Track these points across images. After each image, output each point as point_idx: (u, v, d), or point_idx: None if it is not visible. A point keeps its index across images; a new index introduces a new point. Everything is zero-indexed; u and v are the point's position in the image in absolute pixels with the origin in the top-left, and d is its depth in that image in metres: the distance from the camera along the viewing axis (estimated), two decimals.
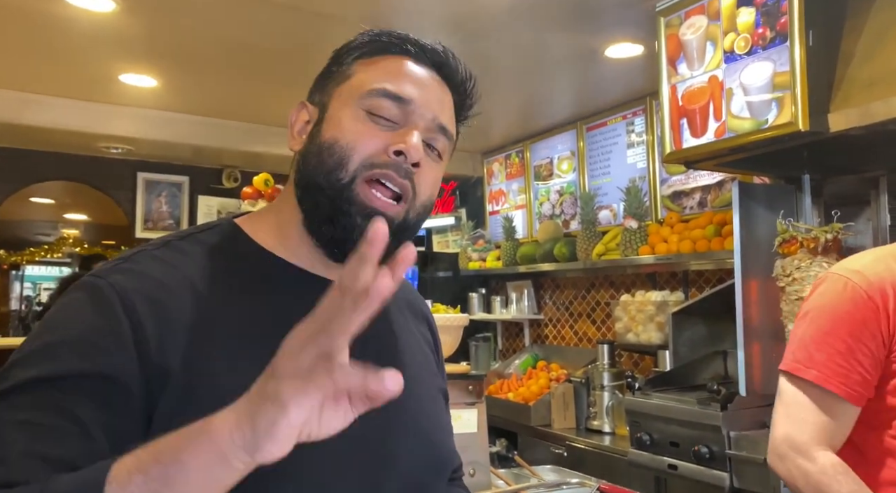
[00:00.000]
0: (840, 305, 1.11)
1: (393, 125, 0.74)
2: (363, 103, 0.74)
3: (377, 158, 0.72)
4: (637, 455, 2.45)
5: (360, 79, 0.76)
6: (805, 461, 1.06)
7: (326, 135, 0.74)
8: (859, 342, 1.08)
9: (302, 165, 0.76)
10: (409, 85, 0.76)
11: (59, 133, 3.67)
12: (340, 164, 0.72)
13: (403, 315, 0.88)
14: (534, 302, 4.20)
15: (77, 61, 3.02)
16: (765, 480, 2.01)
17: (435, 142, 0.78)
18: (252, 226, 0.78)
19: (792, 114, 1.84)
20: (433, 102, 0.77)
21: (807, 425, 1.08)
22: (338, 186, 0.72)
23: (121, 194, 4.37)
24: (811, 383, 1.09)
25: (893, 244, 1.21)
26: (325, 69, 0.81)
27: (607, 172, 3.66)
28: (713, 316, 2.71)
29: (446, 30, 2.63)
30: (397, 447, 0.75)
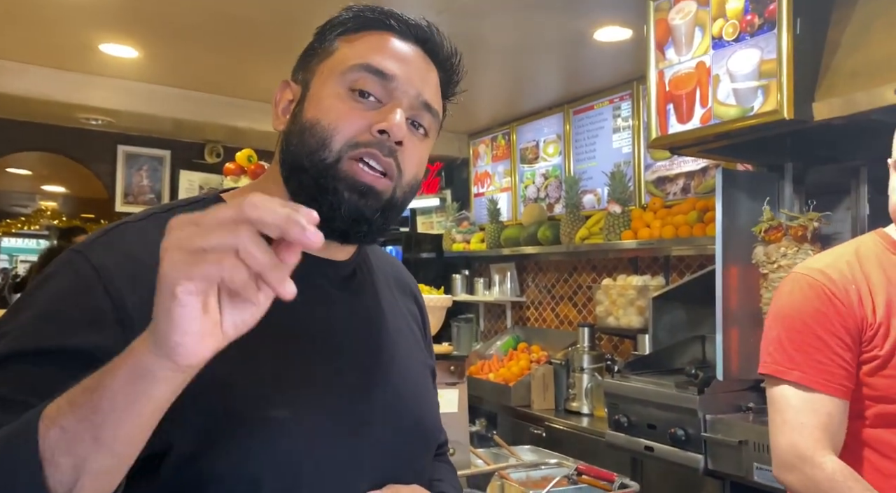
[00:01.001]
0: (808, 303, 1.13)
1: (376, 103, 0.73)
2: (345, 80, 0.73)
3: (361, 138, 0.71)
4: (614, 437, 2.49)
5: (343, 55, 0.75)
6: (813, 469, 1.06)
7: (308, 114, 0.73)
8: (834, 337, 1.10)
9: (285, 145, 0.75)
10: (392, 61, 0.74)
11: (36, 102, 3.59)
12: (323, 144, 0.71)
13: (391, 290, 0.88)
14: (516, 284, 4.22)
15: (56, 29, 2.94)
16: (738, 462, 2.06)
17: (420, 119, 0.76)
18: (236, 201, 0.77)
19: (777, 102, 1.85)
20: (417, 78, 0.75)
21: (806, 429, 1.08)
22: (321, 167, 0.71)
23: (100, 167, 4.29)
24: (797, 385, 1.11)
25: (854, 240, 1.24)
26: (308, 47, 0.80)
27: (593, 157, 3.67)
28: (693, 301, 2.74)
29: (434, 7, 2.59)
30: (382, 419, 0.75)
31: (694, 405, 2.19)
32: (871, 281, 1.12)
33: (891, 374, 1.08)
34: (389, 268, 0.92)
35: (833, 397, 1.09)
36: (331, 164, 0.71)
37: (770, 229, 2.02)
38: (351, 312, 0.78)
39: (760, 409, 2.15)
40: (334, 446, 0.70)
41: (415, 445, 0.79)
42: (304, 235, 0.46)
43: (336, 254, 0.79)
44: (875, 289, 1.12)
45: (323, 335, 0.74)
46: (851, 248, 1.19)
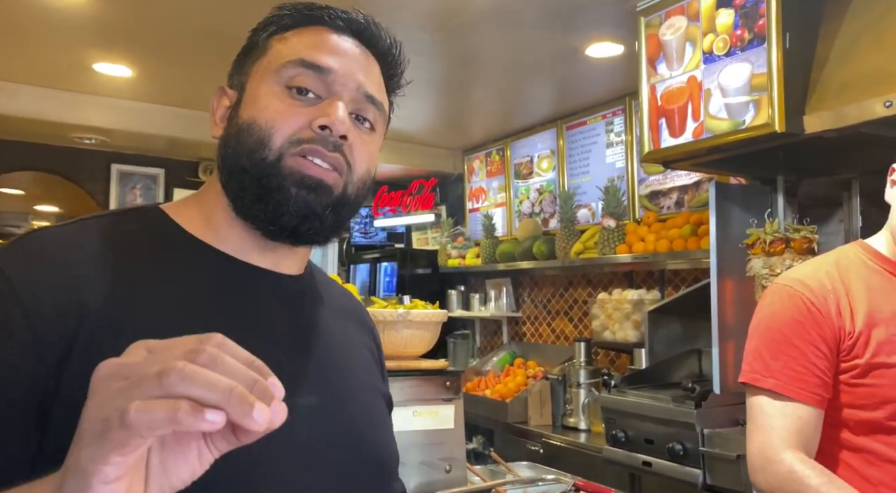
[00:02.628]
0: (786, 313, 1.14)
1: (315, 99, 0.70)
2: (281, 78, 0.70)
3: (302, 134, 0.68)
4: (612, 452, 2.47)
5: (276, 53, 0.72)
6: (775, 466, 1.08)
7: (245, 115, 0.70)
8: (811, 346, 1.11)
9: (223, 149, 0.71)
10: (328, 54, 0.71)
11: (30, 122, 3.59)
12: (261, 143, 0.67)
13: (345, 322, 0.84)
14: (512, 300, 4.21)
15: (50, 49, 2.95)
16: (737, 477, 2.04)
17: (364, 112, 0.73)
18: (176, 211, 0.72)
19: (769, 115, 1.86)
20: (356, 70, 0.72)
21: (774, 431, 1.10)
22: (263, 166, 0.67)
23: (94, 186, 4.28)
24: (771, 392, 1.12)
25: (835, 251, 1.25)
26: (242, 49, 0.76)
27: (586, 172, 3.68)
28: (689, 315, 2.74)
29: (428, 26, 2.62)
30: (336, 450, 0.69)
31: (691, 420, 2.18)
32: (851, 291, 1.14)
33: (871, 383, 1.09)
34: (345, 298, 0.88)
35: (806, 405, 1.10)
36: (272, 162, 0.67)
37: (774, 242, 2.01)
38: (298, 328, 0.73)
39: None
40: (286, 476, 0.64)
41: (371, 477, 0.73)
42: (250, 419, 0.38)
43: (284, 265, 0.74)
44: (854, 298, 1.13)
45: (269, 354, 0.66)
46: (832, 258, 1.21)
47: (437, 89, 3.44)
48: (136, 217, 0.71)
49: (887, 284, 1.15)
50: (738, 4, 1.97)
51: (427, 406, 1.48)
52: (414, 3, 2.44)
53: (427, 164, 4.66)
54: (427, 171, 4.73)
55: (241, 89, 0.72)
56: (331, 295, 0.83)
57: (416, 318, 1.51)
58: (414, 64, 3.16)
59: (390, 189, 5.05)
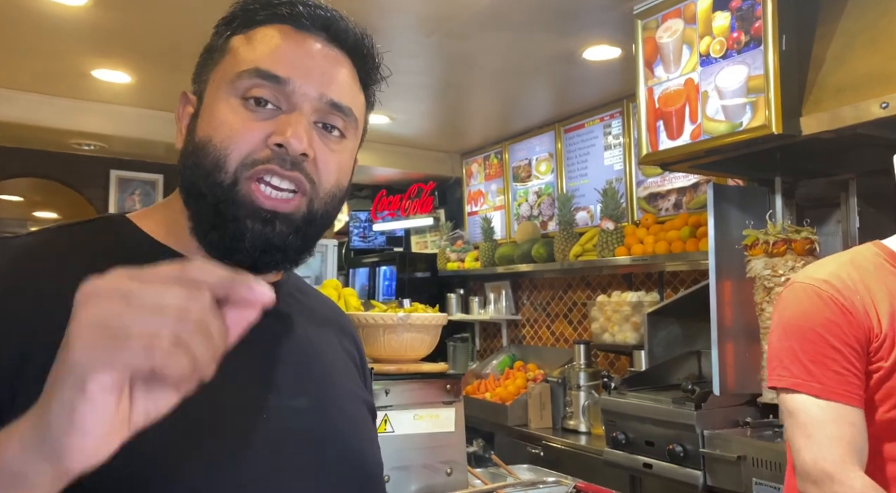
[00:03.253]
0: (819, 313, 1.11)
1: (275, 109, 0.65)
2: (236, 89, 0.65)
3: (257, 154, 0.63)
4: (612, 455, 2.47)
5: (233, 59, 0.66)
6: (840, 487, 1.03)
7: (200, 132, 0.65)
8: (847, 346, 1.09)
9: (182, 167, 0.67)
10: (286, 61, 0.65)
11: (28, 129, 3.60)
12: (217, 165, 0.63)
13: (325, 329, 0.80)
14: (511, 303, 4.21)
15: (48, 56, 2.96)
16: (737, 478, 2.04)
17: (330, 121, 0.67)
18: (142, 220, 0.70)
19: (765, 117, 1.87)
20: (319, 76, 0.66)
21: (831, 443, 1.05)
22: (218, 191, 0.63)
23: (93, 192, 4.29)
24: (817, 398, 1.08)
25: (849, 251, 1.23)
26: (204, 49, 0.71)
27: (584, 174, 3.69)
28: (688, 316, 2.74)
29: (425, 30, 2.62)
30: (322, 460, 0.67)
31: (691, 421, 2.18)
32: (872, 291, 1.12)
33: (892, 385, 1.08)
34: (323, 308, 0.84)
35: (854, 408, 1.07)
36: (228, 187, 0.63)
37: (777, 243, 2.01)
38: (276, 337, 0.70)
39: (758, 424, 2.14)
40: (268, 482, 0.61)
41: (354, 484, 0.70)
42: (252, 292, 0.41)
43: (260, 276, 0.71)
44: (877, 299, 1.11)
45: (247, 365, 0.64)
46: (847, 258, 1.18)
47: (434, 93, 3.45)
48: (100, 227, 0.69)
49: None
50: (734, 7, 1.98)
51: (428, 409, 1.48)
52: (411, 6, 2.45)
53: (425, 167, 4.67)
54: (425, 174, 4.74)
55: (200, 98, 0.68)
56: (310, 303, 0.80)
57: (417, 321, 1.51)
58: (411, 67, 3.17)
59: (389, 193, 5.06)
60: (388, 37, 2.68)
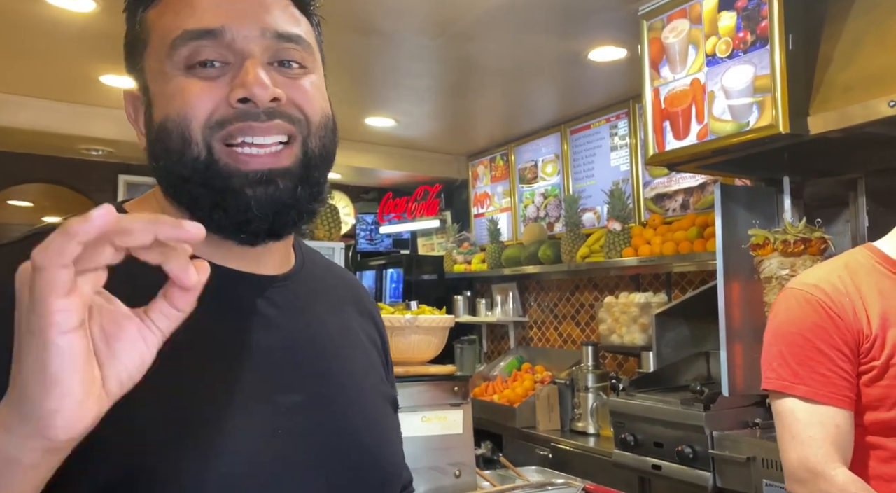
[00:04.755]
0: (806, 318, 1.14)
1: (222, 66, 0.59)
2: (175, 60, 0.59)
3: (221, 113, 0.58)
4: (621, 456, 2.47)
5: (158, 33, 0.61)
6: (825, 483, 1.06)
7: (157, 116, 0.61)
8: (835, 350, 1.11)
9: (153, 161, 0.63)
10: (211, 9, 0.59)
11: (37, 135, 3.62)
12: (183, 138, 0.58)
13: (343, 310, 0.76)
14: (518, 304, 4.21)
15: (57, 62, 2.98)
16: (747, 479, 2.03)
17: (287, 54, 0.62)
18: (140, 208, 0.67)
19: (772, 116, 1.87)
20: (252, 11, 0.60)
21: (815, 442, 1.08)
22: (199, 166, 0.59)
23: (101, 197, 4.31)
24: (804, 399, 1.11)
25: (843, 255, 1.25)
26: (125, 37, 0.65)
27: (591, 175, 3.68)
28: (696, 317, 2.73)
29: (430, 33, 2.63)
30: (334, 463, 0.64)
31: (700, 422, 2.17)
32: (864, 294, 1.14)
33: (886, 384, 1.09)
34: (341, 284, 0.79)
35: (839, 409, 1.10)
36: (206, 160, 0.59)
37: (797, 242, 1.99)
38: (289, 335, 0.66)
39: (767, 424, 2.13)
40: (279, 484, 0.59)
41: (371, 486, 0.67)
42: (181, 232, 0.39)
43: (267, 267, 0.66)
44: (868, 301, 1.13)
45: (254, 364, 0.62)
46: (841, 262, 1.21)
47: (440, 95, 3.46)
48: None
49: None
50: (740, 7, 1.97)
51: (435, 411, 1.49)
52: (415, 9, 2.45)
53: (431, 170, 4.67)
54: (432, 177, 4.74)
55: (145, 90, 0.63)
56: (325, 286, 0.75)
57: (424, 323, 1.51)
58: (417, 70, 3.18)
59: (395, 196, 5.06)
60: (394, 40, 2.69)
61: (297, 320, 0.67)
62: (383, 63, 2.94)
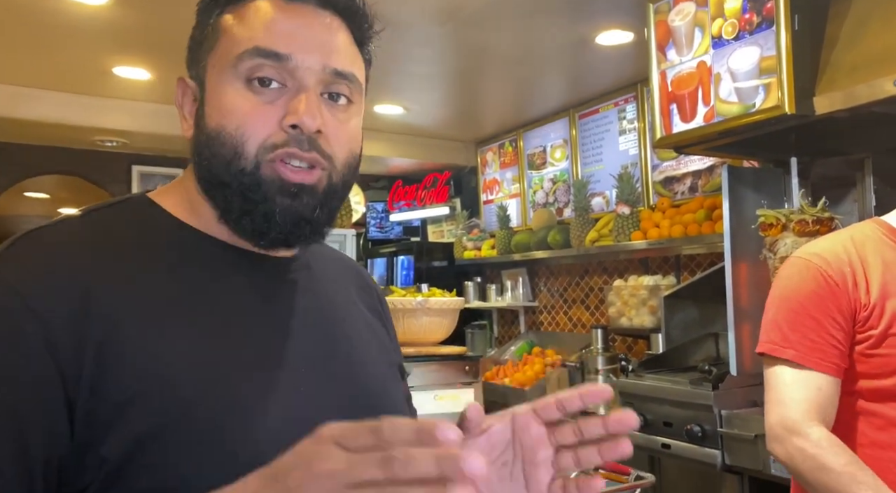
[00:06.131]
0: (804, 285, 1.17)
1: (281, 88, 0.65)
2: (238, 72, 0.64)
3: (275, 138, 0.64)
4: (631, 436, 2.48)
5: (229, 40, 0.66)
6: (799, 439, 1.09)
7: (211, 122, 0.66)
8: (828, 317, 1.14)
9: (197, 157, 0.68)
10: (284, 35, 0.65)
11: (53, 127, 3.68)
12: (236, 153, 0.64)
13: (347, 292, 0.82)
14: (528, 289, 4.24)
15: (71, 55, 3.03)
16: (755, 456, 2.06)
17: (337, 88, 0.68)
18: (165, 199, 0.71)
19: (778, 98, 1.88)
20: (318, 46, 0.66)
21: (795, 403, 1.12)
22: (243, 178, 0.64)
23: (116, 188, 4.37)
24: (790, 362, 1.14)
25: (848, 228, 1.27)
26: (193, 32, 0.70)
27: (599, 160, 3.70)
28: (704, 299, 2.75)
29: (438, 20, 2.65)
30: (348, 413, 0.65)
31: (709, 401, 2.20)
32: (868, 264, 1.16)
33: (884, 352, 1.12)
34: (341, 268, 0.85)
35: (824, 375, 1.13)
36: (251, 171, 0.64)
37: (814, 221, 1.99)
38: (297, 311, 0.71)
39: None
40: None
41: None
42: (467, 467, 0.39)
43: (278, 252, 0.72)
44: (870, 271, 1.15)
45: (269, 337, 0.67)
46: (847, 234, 1.23)
47: (448, 82, 3.48)
48: (127, 208, 0.70)
49: None
50: None
51: (448, 390, 1.53)
52: None
53: (440, 157, 4.69)
54: (441, 164, 4.76)
55: (201, 85, 0.68)
56: (326, 267, 0.81)
57: (435, 305, 1.55)
58: (425, 57, 3.20)
59: (405, 183, 5.10)
60: (402, 28, 2.71)
61: (305, 299, 0.73)
62: (391, 51, 2.96)
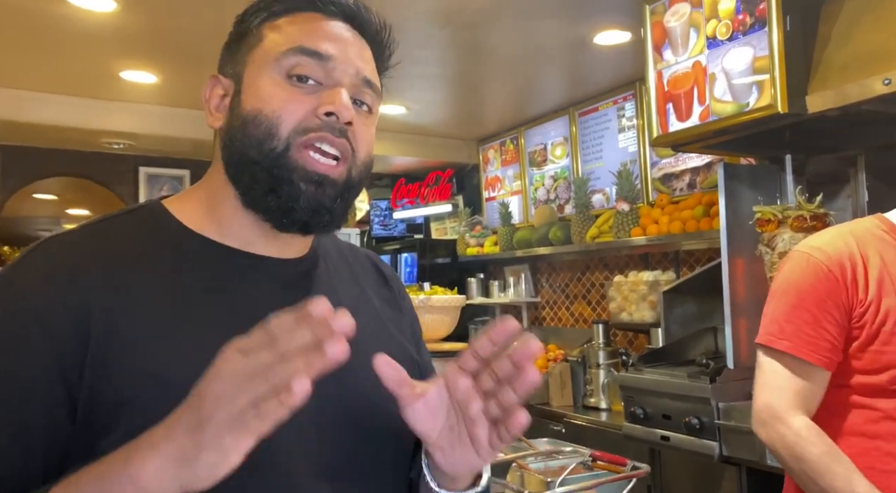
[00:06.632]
0: (804, 279, 1.21)
1: (316, 86, 0.71)
2: (281, 66, 0.70)
3: (308, 123, 0.69)
4: (631, 429, 2.55)
5: (273, 41, 0.72)
6: (782, 426, 1.15)
7: (248, 106, 0.71)
8: (824, 312, 1.18)
9: (228, 141, 0.72)
10: (326, 41, 0.72)
11: (61, 130, 3.74)
12: (270, 133, 0.69)
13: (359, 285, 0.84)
14: (531, 285, 4.29)
15: (79, 59, 3.09)
16: (752, 447, 2.11)
17: (363, 97, 0.74)
18: (179, 206, 0.75)
19: (771, 96, 1.92)
20: (354, 56, 0.73)
21: (783, 391, 1.17)
22: (272, 156, 0.69)
23: (123, 189, 4.44)
24: (784, 353, 1.19)
25: (849, 223, 1.31)
26: (231, 37, 0.77)
27: (599, 157, 3.74)
28: (703, 294, 2.79)
29: (438, 22, 2.69)
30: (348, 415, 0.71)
31: (707, 394, 2.25)
32: (866, 260, 1.19)
33: (877, 349, 1.16)
34: (354, 259, 0.88)
35: (815, 366, 1.17)
36: (281, 153, 0.69)
37: (812, 217, 2.02)
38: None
39: None
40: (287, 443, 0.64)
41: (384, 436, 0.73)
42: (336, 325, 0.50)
43: (286, 251, 0.76)
44: (869, 268, 1.18)
45: None
46: (847, 229, 1.27)
47: (449, 82, 3.52)
48: (138, 216, 0.74)
49: None
50: None
51: None
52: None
53: (443, 155, 4.74)
54: (443, 162, 4.81)
55: (238, 79, 0.73)
56: (337, 263, 0.84)
57: (437, 303, 1.60)
58: (426, 58, 3.25)
59: (408, 181, 5.14)
60: (402, 29, 2.75)
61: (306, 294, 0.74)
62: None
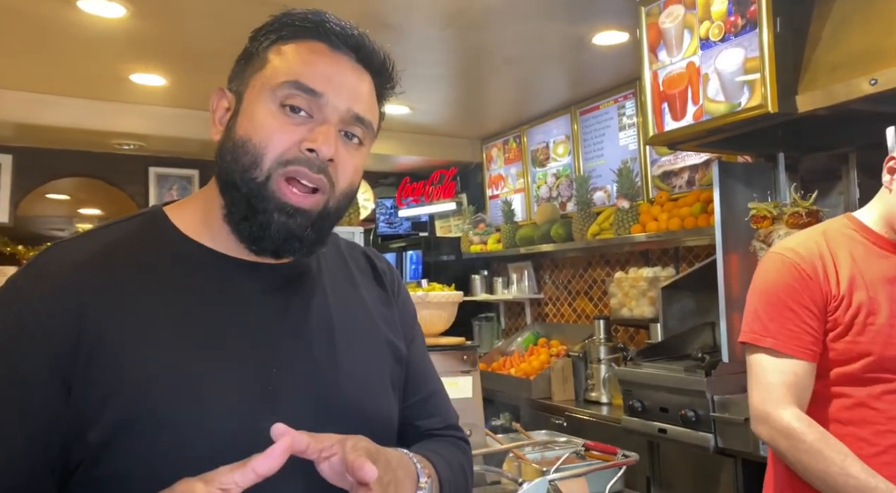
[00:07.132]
0: (780, 278, 1.27)
1: (306, 117, 0.74)
2: (276, 96, 0.74)
3: (290, 154, 0.73)
4: (629, 422, 2.61)
5: (274, 68, 0.75)
6: (778, 421, 1.21)
7: (240, 131, 0.74)
8: (803, 307, 1.24)
9: (219, 159, 0.76)
10: (321, 77, 0.75)
11: (73, 132, 3.83)
12: (254, 163, 0.72)
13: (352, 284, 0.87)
14: (534, 282, 4.34)
15: (90, 63, 3.17)
16: (746, 439, 2.16)
17: (352, 131, 0.77)
18: (178, 213, 0.79)
19: (762, 96, 1.97)
20: (347, 91, 0.76)
21: (774, 387, 1.23)
22: (253, 186, 0.72)
23: (133, 189, 4.53)
24: (770, 350, 1.25)
25: (822, 224, 1.37)
26: (243, 53, 0.80)
27: (601, 155, 3.78)
28: (701, 289, 2.84)
29: (440, 24, 2.75)
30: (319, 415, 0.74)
31: (702, 387, 2.30)
32: (837, 258, 1.26)
33: (850, 340, 1.22)
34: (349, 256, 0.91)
35: (800, 360, 1.23)
36: (261, 183, 0.72)
37: (809, 213, 2.06)
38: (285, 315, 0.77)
39: None
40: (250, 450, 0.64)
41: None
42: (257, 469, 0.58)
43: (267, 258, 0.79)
44: (840, 265, 1.25)
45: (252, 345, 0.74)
46: (819, 229, 1.34)
47: (452, 82, 3.58)
48: (138, 223, 0.78)
49: (869, 252, 1.27)
50: None
51: (447, 378, 1.63)
52: (423, 2, 2.57)
53: (447, 154, 4.80)
54: (447, 161, 4.87)
55: (239, 98, 0.77)
56: (329, 263, 0.86)
57: (434, 299, 1.67)
58: (428, 60, 3.33)
59: (413, 180, 5.21)
60: (405, 32, 2.81)
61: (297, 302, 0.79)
62: (395, 54, 3.05)
